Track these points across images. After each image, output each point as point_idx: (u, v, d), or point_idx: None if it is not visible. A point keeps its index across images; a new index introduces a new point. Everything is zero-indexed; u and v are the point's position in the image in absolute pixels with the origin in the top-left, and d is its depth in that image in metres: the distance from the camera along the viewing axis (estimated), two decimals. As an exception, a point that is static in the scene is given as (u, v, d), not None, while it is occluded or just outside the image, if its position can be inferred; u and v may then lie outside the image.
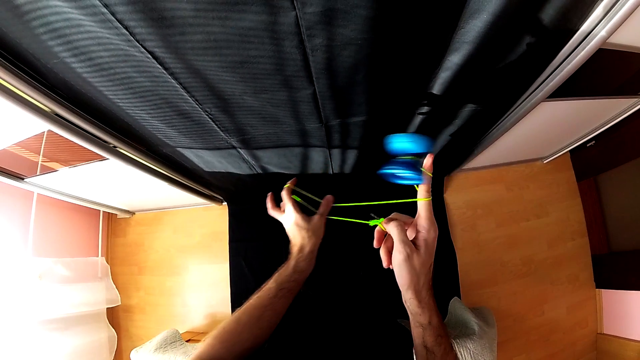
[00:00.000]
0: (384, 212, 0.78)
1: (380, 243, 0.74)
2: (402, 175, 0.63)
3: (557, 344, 2.53)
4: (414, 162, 0.62)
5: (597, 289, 2.63)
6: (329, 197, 1.08)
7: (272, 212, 1.08)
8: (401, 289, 0.65)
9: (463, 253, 2.48)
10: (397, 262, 0.64)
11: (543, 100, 1.28)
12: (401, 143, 0.60)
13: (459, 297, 2.38)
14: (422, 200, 0.65)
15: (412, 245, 0.64)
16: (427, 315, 0.62)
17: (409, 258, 0.62)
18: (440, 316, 0.64)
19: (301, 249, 0.97)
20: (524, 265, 2.56)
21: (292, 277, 0.91)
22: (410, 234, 0.68)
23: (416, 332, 0.65)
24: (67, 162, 1.71)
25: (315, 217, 1.02)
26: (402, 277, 0.64)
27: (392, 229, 0.67)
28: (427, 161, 0.67)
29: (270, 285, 0.89)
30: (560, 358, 2.52)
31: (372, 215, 0.69)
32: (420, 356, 0.64)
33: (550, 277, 2.58)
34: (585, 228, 2.68)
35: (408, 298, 0.64)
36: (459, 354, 1.74)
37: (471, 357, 1.73)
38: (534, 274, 2.56)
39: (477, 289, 2.48)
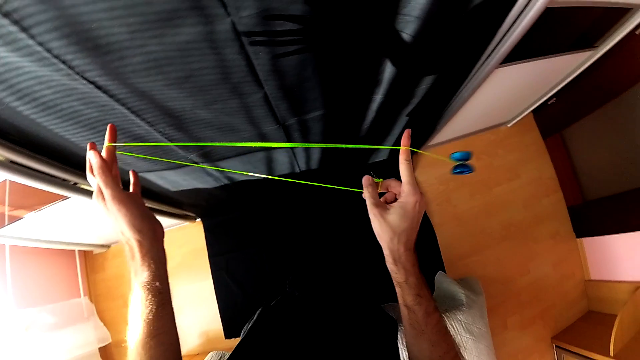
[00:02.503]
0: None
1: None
2: (465, 171, 0.79)
3: (548, 299, 2.60)
4: (465, 164, 0.79)
5: (578, 239, 2.71)
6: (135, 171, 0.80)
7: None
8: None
9: (442, 228, 2.52)
10: (371, 221, 0.66)
11: (497, 67, 1.28)
12: (458, 155, 0.78)
13: (444, 271, 2.41)
14: (402, 165, 0.65)
15: (383, 206, 0.65)
16: (403, 274, 0.63)
17: (375, 218, 0.65)
18: (422, 279, 0.64)
19: (132, 257, 0.67)
20: (503, 229, 2.61)
21: (150, 309, 0.63)
22: (390, 197, 0.70)
23: (397, 291, 0.66)
24: (31, 207, 1.67)
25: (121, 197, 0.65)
26: (376, 235, 0.66)
27: (365, 191, 0.68)
28: (404, 137, 0.69)
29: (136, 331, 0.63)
30: (553, 311, 2.60)
31: (371, 173, 0.71)
32: (403, 316, 0.66)
33: (531, 236, 2.65)
34: (558, 183, 2.76)
35: (385, 255, 0.66)
36: (450, 327, 1.75)
37: (463, 328, 1.75)
38: (515, 236, 2.62)
39: (461, 260, 2.53)
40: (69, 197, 1.43)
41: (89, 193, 1.40)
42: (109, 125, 0.71)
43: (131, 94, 0.87)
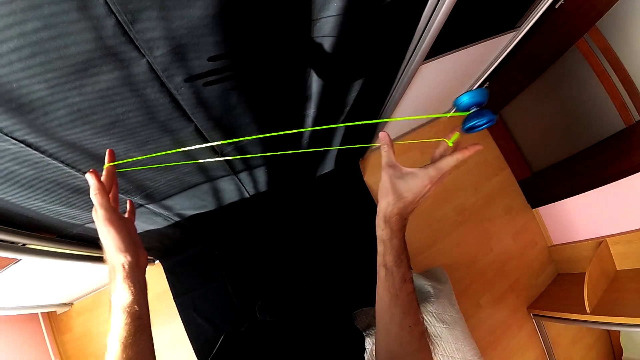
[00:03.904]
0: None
1: None
2: (481, 124, 0.65)
3: (515, 271, 2.71)
4: (481, 111, 0.65)
5: (534, 210, 2.84)
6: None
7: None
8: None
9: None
10: (382, 176, 0.68)
11: (422, 64, 1.33)
12: (466, 100, 0.64)
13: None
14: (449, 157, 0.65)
15: (397, 169, 0.67)
16: (389, 233, 0.65)
17: (386, 176, 0.67)
18: (404, 245, 0.66)
19: (114, 278, 0.68)
20: (458, 214, 2.70)
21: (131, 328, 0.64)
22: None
23: (379, 250, 0.67)
24: (-18, 276, 1.58)
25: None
26: (379, 189, 0.69)
27: (382, 149, 0.70)
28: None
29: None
30: (523, 282, 2.71)
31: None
32: (379, 280, 0.67)
33: (487, 215, 2.75)
34: (504, 161, 2.90)
35: (377, 211, 0.68)
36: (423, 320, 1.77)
37: (435, 318, 1.78)
38: (470, 219, 2.71)
39: (422, 253, 2.58)
40: (19, 260, 1.40)
41: (39, 252, 1.36)
42: (107, 150, 0.73)
43: (62, 147, 0.86)
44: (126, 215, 0.78)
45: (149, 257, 2.31)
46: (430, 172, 0.63)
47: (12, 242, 1.23)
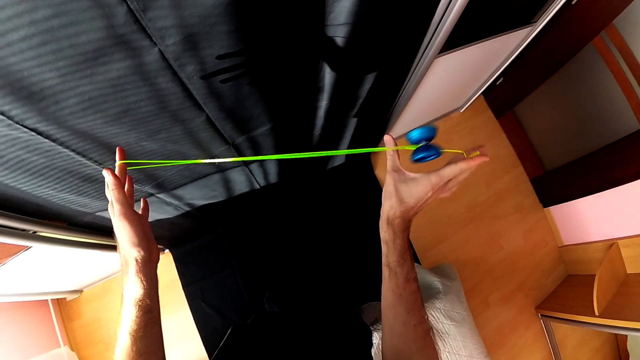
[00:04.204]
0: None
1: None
2: (428, 157, 0.66)
3: (524, 270, 2.68)
4: (429, 146, 0.67)
5: (545, 209, 2.80)
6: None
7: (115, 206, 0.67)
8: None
9: (409, 221, 2.52)
10: (386, 179, 0.69)
11: (436, 57, 1.31)
12: (416, 135, 0.66)
13: (418, 262, 2.45)
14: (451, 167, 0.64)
15: (401, 173, 0.67)
16: (392, 234, 0.65)
17: (390, 179, 0.67)
18: (408, 245, 0.66)
19: (126, 272, 0.68)
20: (469, 211, 2.67)
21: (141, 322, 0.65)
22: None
23: (383, 251, 0.67)
24: (-6, 263, 1.60)
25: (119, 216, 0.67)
26: (383, 192, 0.69)
27: (387, 154, 0.70)
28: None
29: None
30: (532, 281, 2.68)
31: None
32: (384, 280, 0.67)
33: (497, 213, 2.72)
34: (517, 158, 2.85)
35: (381, 212, 0.68)
36: (431, 316, 1.77)
37: (444, 315, 1.77)
38: (481, 216, 2.68)
39: (432, 249, 2.56)
40: (30, 247, 1.40)
41: (50, 240, 1.37)
42: (117, 148, 0.73)
43: (73, 136, 0.85)
44: (140, 212, 0.78)
45: (159, 246, 2.33)
46: (432, 179, 0.62)
47: (23, 230, 1.24)
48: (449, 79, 1.89)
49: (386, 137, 0.70)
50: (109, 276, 2.55)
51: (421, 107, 2.05)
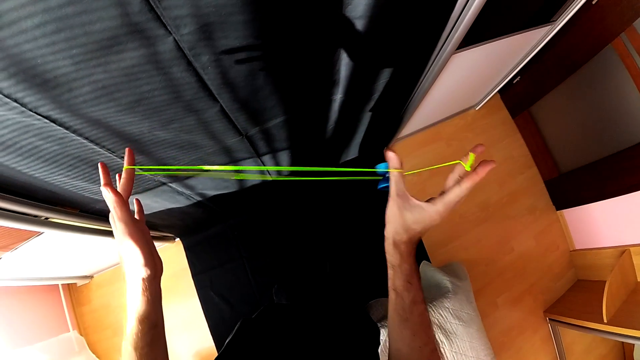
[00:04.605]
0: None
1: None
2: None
3: (534, 273, 2.65)
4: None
5: (558, 211, 2.76)
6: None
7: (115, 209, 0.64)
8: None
9: (420, 218, 2.50)
10: (389, 204, 0.67)
11: (454, 53, 1.30)
12: (384, 167, 0.67)
13: (428, 260, 2.43)
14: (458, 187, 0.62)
15: (405, 199, 0.65)
16: (398, 259, 0.64)
17: (394, 205, 0.65)
18: (415, 268, 0.65)
19: (132, 289, 0.66)
20: (481, 211, 2.65)
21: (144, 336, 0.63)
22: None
23: (389, 274, 0.67)
24: (7, 247, 1.63)
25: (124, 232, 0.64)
26: (387, 216, 0.67)
27: (391, 177, 0.67)
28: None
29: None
30: (541, 285, 2.65)
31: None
32: (390, 301, 0.67)
33: (510, 214, 2.69)
34: (531, 159, 2.81)
35: (385, 237, 0.67)
36: (439, 315, 1.76)
37: (452, 315, 1.76)
38: (493, 216, 2.66)
39: (443, 247, 2.55)
40: (42, 233, 1.42)
41: (61, 226, 1.38)
42: (126, 149, 0.70)
43: (86, 124, 0.85)
44: (136, 216, 0.76)
45: (169, 235, 2.35)
46: (439, 208, 0.61)
47: (36, 216, 1.25)
48: (466, 76, 1.87)
49: (391, 156, 0.65)
50: (119, 263, 2.56)
51: (436, 103, 2.03)
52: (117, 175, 0.70)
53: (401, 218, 0.64)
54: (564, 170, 2.64)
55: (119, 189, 0.65)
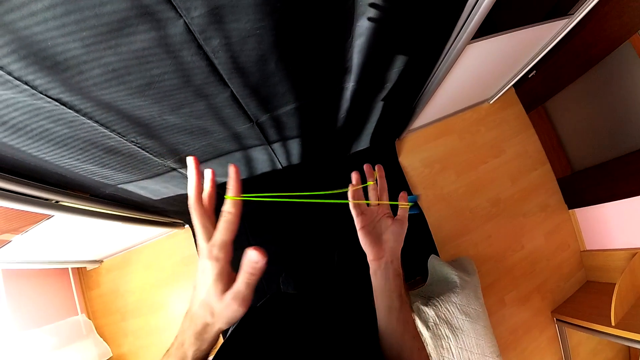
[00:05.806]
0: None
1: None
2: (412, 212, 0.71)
3: (544, 272, 2.62)
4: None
5: (570, 210, 2.72)
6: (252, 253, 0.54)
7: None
8: None
9: (431, 211, 2.51)
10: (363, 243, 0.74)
11: (469, 43, 1.28)
12: (413, 198, 0.71)
13: (437, 254, 2.42)
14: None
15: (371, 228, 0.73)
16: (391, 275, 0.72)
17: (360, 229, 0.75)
18: (404, 287, 0.70)
19: (204, 328, 0.58)
20: (492, 206, 2.62)
21: None
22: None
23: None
24: (17, 230, 1.64)
25: (230, 293, 0.57)
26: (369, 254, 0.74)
27: (355, 219, 0.77)
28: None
29: None
30: (550, 284, 2.62)
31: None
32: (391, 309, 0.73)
33: (521, 210, 2.66)
34: (545, 155, 2.77)
35: (373, 269, 0.76)
36: (446, 310, 1.75)
37: (459, 310, 1.75)
38: (504, 212, 2.63)
39: (452, 242, 2.53)
40: (52, 216, 1.43)
41: (72, 210, 1.39)
42: (232, 170, 0.62)
43: (96, 107, 0.85)
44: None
45: (178, 221, 2.36)
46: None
47: (46, 199, 1.26)
48: (480, 68, 1.84)
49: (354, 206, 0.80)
50: (129, 248, 2.60)
51: (450, 95, 2.01)
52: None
53: (383, 246, 0.74)
54: (578, 168, 2.60)
55: (218, 235, 0.57)
